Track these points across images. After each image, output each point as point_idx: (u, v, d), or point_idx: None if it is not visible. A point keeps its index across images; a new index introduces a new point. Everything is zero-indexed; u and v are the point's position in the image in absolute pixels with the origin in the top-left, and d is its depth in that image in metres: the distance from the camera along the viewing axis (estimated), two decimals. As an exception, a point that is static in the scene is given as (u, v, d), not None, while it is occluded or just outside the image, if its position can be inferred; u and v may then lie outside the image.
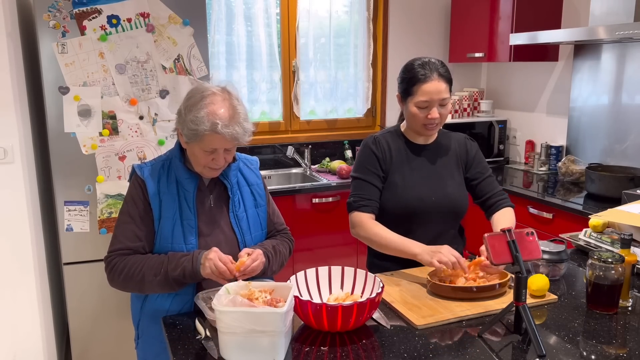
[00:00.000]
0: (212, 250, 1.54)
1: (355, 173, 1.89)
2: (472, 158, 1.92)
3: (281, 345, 1.24)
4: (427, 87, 1.73)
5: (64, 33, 2.31)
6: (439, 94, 1.74)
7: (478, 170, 1.92)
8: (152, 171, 1.64)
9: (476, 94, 3.87)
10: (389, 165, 1.86)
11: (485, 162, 1.95)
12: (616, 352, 1.27)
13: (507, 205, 1.89)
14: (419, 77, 1.74)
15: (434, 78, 1.73)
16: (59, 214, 2.43)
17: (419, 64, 1.77)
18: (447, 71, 1.78)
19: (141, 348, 1.72)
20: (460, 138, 1.96)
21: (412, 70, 1.77)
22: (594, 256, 1.45)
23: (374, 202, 1.84)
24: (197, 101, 1.53)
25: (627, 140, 2.98)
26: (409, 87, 1.77)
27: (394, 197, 1.84)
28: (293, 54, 3.56)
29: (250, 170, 1.78)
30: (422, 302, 1.53)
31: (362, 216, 1.83)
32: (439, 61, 1.79)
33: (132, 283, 1.58)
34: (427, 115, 1.76)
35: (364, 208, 1.83)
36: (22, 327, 2.38)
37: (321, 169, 3.56)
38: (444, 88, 1.75)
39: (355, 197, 1.86)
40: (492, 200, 1.90)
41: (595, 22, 2.78)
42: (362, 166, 1.87)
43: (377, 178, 1.85)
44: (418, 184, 1.85)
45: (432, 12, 3.84)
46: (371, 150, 1.87)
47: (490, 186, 1.92)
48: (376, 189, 1.85)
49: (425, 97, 1.74)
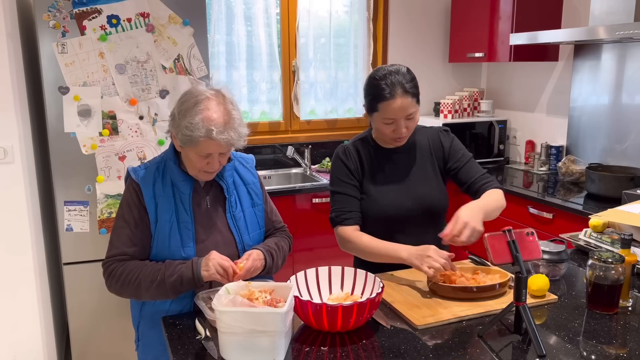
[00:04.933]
0: (211, 253, 1.54)
1: (332, 187, 1.86)
2: (447, 150, 1.86)
3: (281, 345, 1.24)
4: (392, 105, 1.66)
5: (64, 33, 2.31)
6: (404, 111, 1.67)
7: (456, 159, 1.85)
8: (147, 174, 1.63)
9: (476, 94, 3.87)
10: (361, 174, 1.84)
11: (463, 150, 1.88)
12: (616, 352, 1.27)
13: (494, 187, 1.80)
14: (385, 96, 1.66)
15: (398, 95, 1.65)
16: (58, 214, 2.43)
17: (383, 79, 1.67)
18: (412, 85, 1.69)
19: (141, 350, 1.72)
20: (434, 132, 1.90)
21: (376, 87, 1.68)
22: (594, 256, 1.45)
23: (356, 212, 1.81)
24: (191, 106, 1.52)
25: (627, 140, 2.98)
26: (374, 104, 1.70)
27: (370, 206, 1.82)
28: (293, 54, 3.56)
29: (246, 169, 1.77)
30: (422, 302, 1.53)
31: (346, 230, 1.80)
32: (405, 73, 1.69)
33: (129, 289, 1.57)
34: (394, 129, 1.72)
35: (347, 221, 1.80)
36: (22, 327, 2.38)
37: (321, 169, 3.56)
38: (409, 103, 1.67)
39: (337, 211, 1.82)
40: (477, 185, 1.81)
41: (595, 22, 2.77)
42: (336, 178, 1.84)
43: (353, 188, 1.82)
44: (392, 191, 1.82)
45: (432, 12, 3.84)
46: (342, 162, 1.84)
47: (472, 170, 1.84)
48: (355, 200, 1.82)
49: (391, 114, 1.68)
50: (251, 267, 1.57)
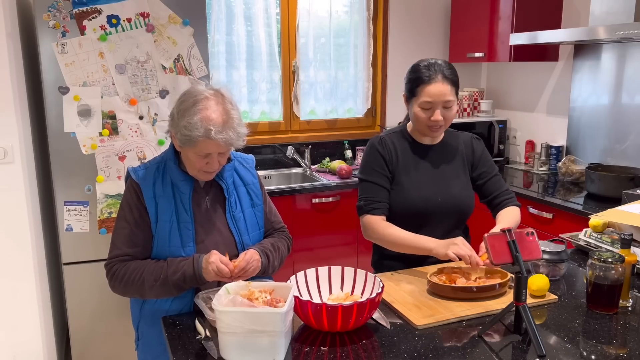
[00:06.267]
0: (212, 253, 1.54)
1: (363, 175, 1.88)
2: (478, 158, 1.92)
3: (281, 345, 1.24)
4: (431, 89, 1.73)
5: (64, 33, 2.31)
6: (442, 96, 1.73)
7: (484, 170, 1.92)
8: (147, 174, 1.63)
9: (476, 94, 3.87)
10: (395, 166, 1.85)
11: (491, 162, 1.95)
12: (616, 352, 1.27)
13: (513, 204, 1.89)
14: (423, 79, 1.74)
15: (438, 80, 1.73)
16: (58, 214, 2.43)
17: (425, 65, 1.76)
18: (453, 73, 1.76)
19: (141, 350, 1.72)
20: (467, 138, 1.95)
21: (417, 71, 1.77)
22: (594, 256, 1.45)
23: (384, 203, 1.83)
24: (190, 106, 1.52)
25: (627, 140, 2.98)
26: (414, 88, 1.77)
27: (400, 198, 1.84)
28: (293, 54, 3.56)
29: (245, 169, 1.77)
30: (422, 302, 1.53)
31: (373, 219, 1.82)
32: (446, 63, 1.77)
33: (132, 289, 1.58)
34: (430, 117, 1.76)
35: (375, 211, 1.82)
36: (22, 327, 2.38)
37: (321, 169, 3.56)
38: (448, 90, 1.73)
39: (365, 200, 1.84)
40: (499, 200, 1.90)
41: (595, 22, 2.77)
42: (369, 167, 1.86)
43: (385, 179, 1.84)
44: (424, 185, 1.84)
45: (432, 12, 3.84)
46: (377, 151, 1.86)
47: (497, 185, 1.91)
48: (385, 190, 1.84)
49: (428, 98, 1.73)
50: (245, 266, 1.56)
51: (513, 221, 1.81)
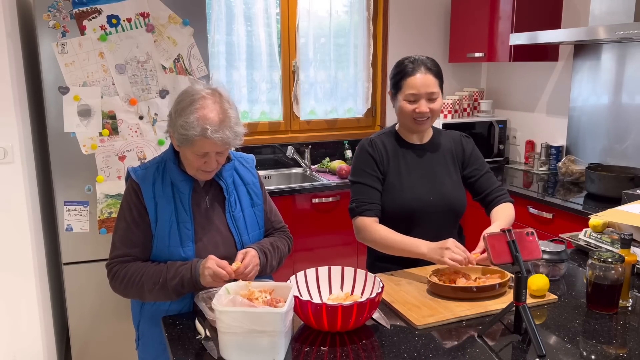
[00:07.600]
0: (208, 258, 1.53)
1: (354, 177, 1.87)
2: (468, 155, 1.92)
3: (281, 345, 1.24)
4: (414, 80, 1.76)
5: (64, 33, 2.31)
6: (426, 87, 1.76)
7: (475, 167, 1.92)
8: (146, 174, 1.63)
9: (476, 94, 3.87)
10: (386, 167, 1.85)
11: (482, 159, 1.95)
12: (616, 352, 1.27)
13: (507, 201, 1.89)
14: (407, 71, 1.78)
15: (421, 71, 1.76)
16: (58, 214, 2.43)
17: (409, 60, 1.80)
18: (435, 66, 1.80)
19: (141, 350, 1.72)
20: (456, 136, 1.95)
21: (400, 65, 1.81)
22: (594, 256, 1.45)
23: (376, 204, 1.83)
24: (187, 105, 1.51)
25: (627, 140, 2.98)
26: (398, 82, 1.80)
27: (392, 199, 1.84)
28: (293, 54, 3.56)
29: (246, 169, 1.77)
30: (422, 302, 1.53)
31: (366, 220, 1.82)
32: (429, 58, 1.82)
33: (132, 291, 1.58)
34: (416, 109, 1.77)
35: (368, 212, 1.82)
36: (22, 327, 2.38)
37: (321, 169, 3.56)
38: (432, 82, 1.77)
39: (357, 202, 1.84)
40: (492, 197, 1.90)
41: (595, 22, 2.78)
42: (360, 169, 1.86)
43: (376, 180, 1.84)
44: (416, 185, 1.84)
45: (432, 12, 3.84)
46: (368, 153, 1.86)
47: (489, 182, 1.91)
48: (377, 192, 1.84)
49: (413, 90, 1.76)
50: (249, 263, 1.56)
51: (508, 218, 1.81)
